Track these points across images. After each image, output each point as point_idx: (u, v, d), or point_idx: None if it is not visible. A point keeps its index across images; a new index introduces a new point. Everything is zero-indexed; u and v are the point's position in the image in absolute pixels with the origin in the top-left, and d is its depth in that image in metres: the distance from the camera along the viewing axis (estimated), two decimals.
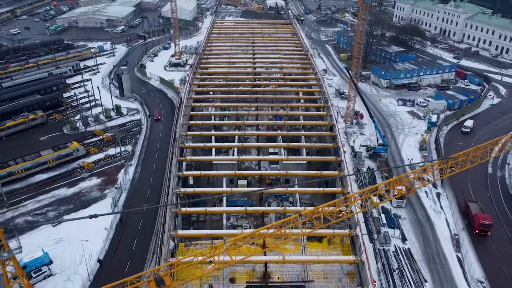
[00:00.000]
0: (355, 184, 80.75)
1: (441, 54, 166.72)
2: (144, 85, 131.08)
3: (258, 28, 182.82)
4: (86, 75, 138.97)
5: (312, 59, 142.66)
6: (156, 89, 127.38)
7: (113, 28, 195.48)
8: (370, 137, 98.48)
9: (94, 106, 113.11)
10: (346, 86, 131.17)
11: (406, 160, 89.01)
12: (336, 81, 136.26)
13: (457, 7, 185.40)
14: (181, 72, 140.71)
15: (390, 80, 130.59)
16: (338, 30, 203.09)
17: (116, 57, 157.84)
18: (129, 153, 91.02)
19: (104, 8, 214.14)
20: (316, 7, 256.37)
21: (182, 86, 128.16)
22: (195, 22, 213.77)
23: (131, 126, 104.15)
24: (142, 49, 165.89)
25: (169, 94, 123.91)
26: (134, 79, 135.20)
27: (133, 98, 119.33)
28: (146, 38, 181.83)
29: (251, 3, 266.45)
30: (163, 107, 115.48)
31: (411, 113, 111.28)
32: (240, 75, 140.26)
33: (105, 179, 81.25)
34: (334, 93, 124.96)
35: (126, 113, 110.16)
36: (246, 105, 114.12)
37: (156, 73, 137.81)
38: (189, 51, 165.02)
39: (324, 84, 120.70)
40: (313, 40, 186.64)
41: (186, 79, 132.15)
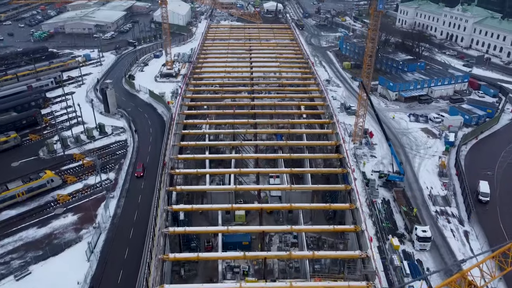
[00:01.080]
0: (369, 220, 70.46)
1: (449, 61, 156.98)
2: (132, 98, 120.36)
3: (255, 33, 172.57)
4: (70, 87, 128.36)
5: (313, 67, 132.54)
6: (145, 104, 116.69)
7: (101, 34, 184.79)
8: (383, 160, 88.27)
9: (76, 124, 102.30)
10: (352, 99, 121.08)
11: (425, 189, 78.78)
12: (341, 93, 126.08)
13: (465, 11, 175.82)
14: (173, 84, 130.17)
15: (399, 92, 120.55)
16: (339, 35, 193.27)
17: (104, 66, 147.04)
18: (111, 182, 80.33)
19: (92, 13, 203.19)
20: (315, 10, 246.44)
21: (174, 100, 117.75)
22: (189, 27, 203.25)
23: (115, 148, 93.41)
24: (131, 57, 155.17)
25: (159, 109, 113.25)
26: (122, 91, 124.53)
27: (119, 114, 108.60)
28: (136, 45, 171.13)
29: (247, 7, 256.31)
30: (152, 125, 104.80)
31: (425, 131, 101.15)
32: (236, 86, 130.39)
33: (82, 216, 70.53)
34: (339, 107, 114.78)
35: (110, 132, 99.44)
36: (244, 122, 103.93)
37: (145, 84, 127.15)
38: (182, 59, 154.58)
39: (328, 96, 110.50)
40: (313, 46, 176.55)
41: (178, 91, 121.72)
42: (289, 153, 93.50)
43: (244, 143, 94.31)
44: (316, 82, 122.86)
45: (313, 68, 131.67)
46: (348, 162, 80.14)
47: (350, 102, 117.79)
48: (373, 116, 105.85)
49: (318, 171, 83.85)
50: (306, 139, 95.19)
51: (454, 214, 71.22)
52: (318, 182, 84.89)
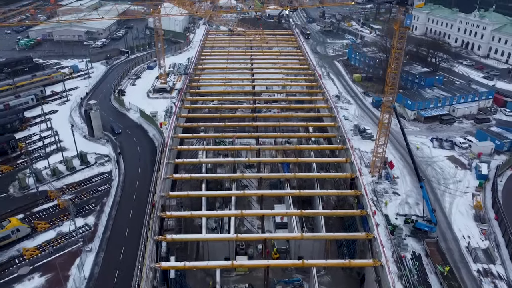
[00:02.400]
0: (399, 283, 58.20)
1: (468, 72, 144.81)
2: (121, 118, 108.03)
3: (257, 40, 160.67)
4: (53, 104, 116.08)
5: (321, 80, 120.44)
6: (135, 125, 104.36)
7: (92, 42, 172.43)
8: (407, 199, 76.00)
9: (55, 151, 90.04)
10: (366, 119, 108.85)
11: (461, 238, 66.52)
12: (353, 111, 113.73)
13: (482, 17, 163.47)
14: (167, 101, 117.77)
15: (418, 111, 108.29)
16: (346, 42, 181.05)
17: (93, 78, 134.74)
18: (89, 230, 68.01)
19: (84, 17, 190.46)
20: (319, 14, 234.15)
21: (168, 120, 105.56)
22: (186, 33, 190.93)
23: (98, 182, 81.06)
24: (123, 68, 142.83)
25: (150, 132, 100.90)
26: (110, 110, 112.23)
27: (105, 139, 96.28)
28: (129, 54, 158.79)
29: (248, 11, 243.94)
30: (141, 151, 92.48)
31: (452, 160, 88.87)
32: (236, 103, 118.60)
33: (51, 278, 58.25)
34: (352, 129, 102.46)
35: (94, 162, 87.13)
36: (246, 148, 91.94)
37: (137, 101, 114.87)
38: (178, 71, 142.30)
39: (338, 116, 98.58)
40: (319, 55, 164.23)
41: (172, 109, 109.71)
42: (297, 185, 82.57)
43: (246, 176, 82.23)
44: (324, 97, 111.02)
45: (320, 81, 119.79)
46: (368, 201, 68.23)
47: (364, 123, 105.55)
48: (391, 142, 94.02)
49: (333, 213, 71.59)
50: (316, 168, 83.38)
51: (501, 276, 59.03)
52: (332, 224, 73.12)
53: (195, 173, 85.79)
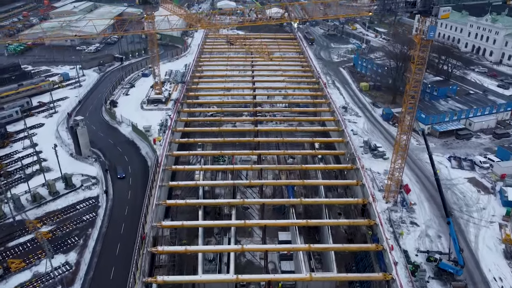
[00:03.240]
0: None
1: (480, 80, 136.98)
2: (112, 133, 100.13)
3: (258, 44, 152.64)
4: (39, 117, 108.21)
5: (326, 90, 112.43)
6: (127, 141, 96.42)
7: (85, 47, 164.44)
8: (428, 230, 68.11)
9: (38, 172, 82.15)
10: (376, 134, 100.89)
11: (491, 280, 58.64)
12: (362, 125, 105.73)
13: (495, 22, 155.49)
14: (162, 113, 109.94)
15: (433, 125, 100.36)
16: (351, 47, 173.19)
17: (84, 87, 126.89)
18: (70, 269, 60.13)
19: (77, 22, 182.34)
20: None
21: (162, 136, 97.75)
22: (184, 37, 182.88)
23: (82, 210, 73.17)
24: (116, 76, 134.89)
25: (143, 149, 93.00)
26: (100, 124, 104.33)
27: (93, 158, 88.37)
28: (123, 61, 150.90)
29: (249, 13, 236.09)
30: (132, 172, 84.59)
31: (473, 182, 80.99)
32: (237, 115, 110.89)
33: None
34: (361, 146, 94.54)
35: (79, 185, 79.23)
36: (247, 168, 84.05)
37: (130, 113, 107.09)
38: (174, 79, 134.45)
39: (347, 130, 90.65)
40: (323, 61, 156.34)
41: (167, 122, 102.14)
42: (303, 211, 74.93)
43: (247, 202, 74.23)
44: (330, 109, 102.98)
45: (325, 91, 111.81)
46: (383, 233, 60.46)
47: (375, 138, 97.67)
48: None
49: (344, 248, 63.62)
50: (323, 191, 75.66)
51: None
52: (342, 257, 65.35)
53: (191, 195, 78.78)
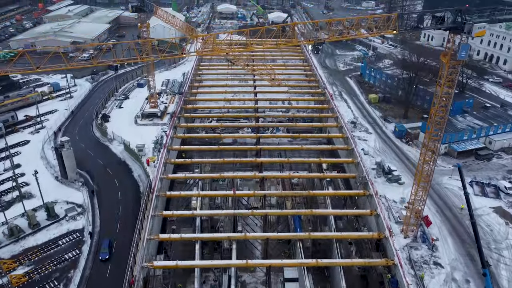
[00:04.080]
0: None
1: (496, 91, 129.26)
2: (102, 152, 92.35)
3: (260, 51, 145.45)
4: (25, 133, 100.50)
5: (333, 102, 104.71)
6: (118, 161, 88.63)
7: (78, 54, 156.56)
8: (454, 273, 60.25)
9: (18, 199, 74.31)
10: (390, 155, 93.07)
11: None
12: (373, 143, 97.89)
13: (509, 28, 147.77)
14: (157, 128, 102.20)
15: (450, 144, 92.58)
16: (358, 55, 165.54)
17: (75, 99, 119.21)
18: None
19: (70, 27, 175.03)
20: (325, 21, 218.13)
21: (156, 155, 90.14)
22: (183, 44, 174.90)
23: (65, 246, 65.31)
24: (110, 86, 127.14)
25: (135, 171, 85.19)
26: (90, 141, 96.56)
27: (80, 182, 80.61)
28: (118, 69, 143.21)
29: (251, 17, 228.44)
30: (122, 199, 76.77)
31: (499, 213, 73.09)
32: (237, 131, 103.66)
33: None
34: (374, 168, 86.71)
35: (64, 214, 71.44)
36: (250, 194, 76.23)
37: (123, 128, 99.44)
38: (172, 89, 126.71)
39: (357, 150, 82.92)
40: (328, 70, 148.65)
41: (162, 139, 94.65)
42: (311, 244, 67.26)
43: (250, 237, 66.29)
44: (338, 124, 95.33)
45: (332, 103, 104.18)
46: (404, 277, 52.86)
47: (388, 159, 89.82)
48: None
49: None
50: (333, 221, 68.10)
51: None
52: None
53: (187, 225, 71.46)
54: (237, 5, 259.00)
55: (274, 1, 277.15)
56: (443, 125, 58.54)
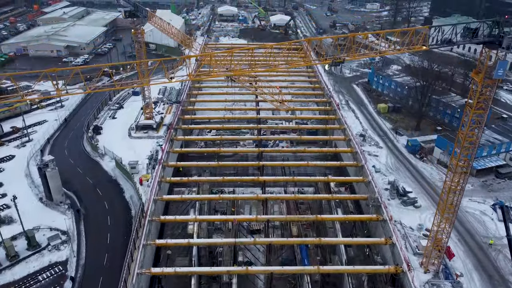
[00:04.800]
0: None
1: (511, 100, 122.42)
2: (92, 169, 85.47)
3: (262, 56, 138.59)
4: (10, 146, 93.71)
5: (340, 112, 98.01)
6: (109, 180, 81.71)
7: (72, 59, 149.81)
8: None
9: None
10: (403, 173, 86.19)
11: None
12: (384, 159, 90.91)
13: None
14: (153, 141, 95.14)
15: None
16: (364, 60, 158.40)
17: (66, 108, 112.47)
18: None
19: (65, 30, 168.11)
20: (329, 24, 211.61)
21: (150, 172, 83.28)
22: (181, 48, 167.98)
23: (45, 283, 58.39)
24: (104, 94, 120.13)
25: (127, 191, 78.31)
26: (80, 156, 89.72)
27: (66, 204, 73.74)
28: (113, 75, 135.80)
29: (253, 19, 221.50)
30: (112, 224, 69.92)
31: None
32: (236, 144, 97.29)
33: None
34: (387, 188, 79.74)
35: (46, 243, 64.60)
36: (252, 218, 69.12)
37: (115, 142, 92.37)
38: (169, 97, 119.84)
39: (367, 167, 76.30)
40: (334, 76, 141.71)
41: (158, 154, 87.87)
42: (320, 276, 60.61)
43: (252, 271, 59.43)
44: (346, 137, 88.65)
45: (339, 114, 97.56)
46: None
47: (402, 178, 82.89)
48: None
49: None
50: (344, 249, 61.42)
51: None
52: None
53: (183, 253, 65.06)
54: (238, 7, 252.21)
55: (276, 2, 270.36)
56: (473, 151, 51.42)
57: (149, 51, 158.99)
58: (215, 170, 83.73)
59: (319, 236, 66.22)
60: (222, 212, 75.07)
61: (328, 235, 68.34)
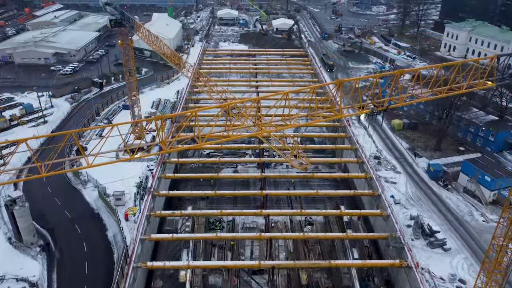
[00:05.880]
0: None
1: None
2: (72, 200, 75.19)
3: (264, 63, 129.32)
4: None
5: (350, 130, 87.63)
6: (90, 214, 71.48)
7: (60, 67, 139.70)
8: None
9: None
10: (424, 202, 75.90)
11: None
12: (403, 186, 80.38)
13: None
14: (143, 165, 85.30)
15: (500, 191, 75.24)
16: (373, 68, 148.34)
17: (50, 124, 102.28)
18: None
19: (54, 35, 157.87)
20: (335, 29, 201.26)
21: (138, 205, 73.54)
22: (178, 55, 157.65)
23: None
24: (92, 108, 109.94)
25: (110, 229, 68.00)
26: (60, 184, 79.36)
27: (38, 245, 63.52)
28: (103, 86, 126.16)
29: (255, 24, 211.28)
30: (91, 270, 59.67)
31: None
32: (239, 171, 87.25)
33: None
34: (410, 225, 69.37)
35: None
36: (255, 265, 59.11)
37: (99, 167, 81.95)
38: (163, 111, 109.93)
39: (385, 197, 65.97)
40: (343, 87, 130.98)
41: (147, 181, 78.32)
42: None
43: None
44: (359, 160, 78.17)
45: (349, 131, 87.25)
46: None
47: (425, 211, 72.52)
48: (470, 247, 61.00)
49: None
50: None
51: None
52: None
53: None
54: (238, 10, 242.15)
55: (278, 5, 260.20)
56: None
57: (144, 59, 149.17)
58: (213, 201, 73.99)
59: (333, 283, 56.66)
60: (220, 247, 65.65)
61: (343, 282, 58.76)
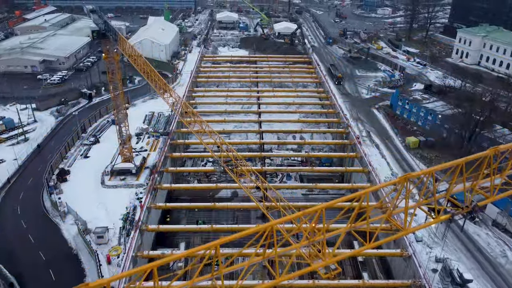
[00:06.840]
0: None
1: None
2: (49, 237, 65.84)
3: (265, 71, 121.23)
4: None
5: (361, 149, 78.61)
6: (68, 255, 62.20)
7: (48, 76, 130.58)
8: None
9: None
10: (452, 241, 66.68)
11: None
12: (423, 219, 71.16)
13: None
14: (131, 192, 76.09)
15: None
16: (382, 77, 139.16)
17: (31, 141, 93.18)
18: None
19: (43, 41, 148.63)
20: (339, 33, 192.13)
21: (124, 243, 64.45)
22: (174, 62, 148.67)
23: None
24: (79, 123, 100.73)
25: (90, 275, 58.62)
26: (36, 216, 70.15)
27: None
28: (92, 98, 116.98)
29: (256, 28, 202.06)
30: None
31: None
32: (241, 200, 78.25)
33: None
34: (436, 270, 60.22)
35: None
36: None
37: (82, 195, 73.15)
38: (156, 126, 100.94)
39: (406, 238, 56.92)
40: (350, 98, 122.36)
41: (135, 212, 69.50)
42: None
43: None
44: (373, 186, 68.63)
45: (360, 150, 78.41)
46: None
47: (451, 252, 63.38)
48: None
49: None
50: None
51: None
52: None
53: None
54: (238, 12, 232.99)
55: (280, 7, 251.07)
56: None
57: None
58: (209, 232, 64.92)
59: None
60: None
61: None
